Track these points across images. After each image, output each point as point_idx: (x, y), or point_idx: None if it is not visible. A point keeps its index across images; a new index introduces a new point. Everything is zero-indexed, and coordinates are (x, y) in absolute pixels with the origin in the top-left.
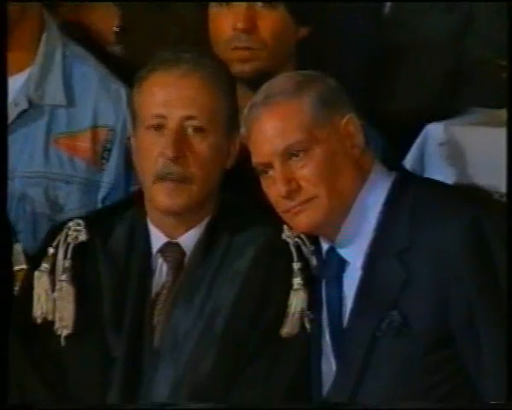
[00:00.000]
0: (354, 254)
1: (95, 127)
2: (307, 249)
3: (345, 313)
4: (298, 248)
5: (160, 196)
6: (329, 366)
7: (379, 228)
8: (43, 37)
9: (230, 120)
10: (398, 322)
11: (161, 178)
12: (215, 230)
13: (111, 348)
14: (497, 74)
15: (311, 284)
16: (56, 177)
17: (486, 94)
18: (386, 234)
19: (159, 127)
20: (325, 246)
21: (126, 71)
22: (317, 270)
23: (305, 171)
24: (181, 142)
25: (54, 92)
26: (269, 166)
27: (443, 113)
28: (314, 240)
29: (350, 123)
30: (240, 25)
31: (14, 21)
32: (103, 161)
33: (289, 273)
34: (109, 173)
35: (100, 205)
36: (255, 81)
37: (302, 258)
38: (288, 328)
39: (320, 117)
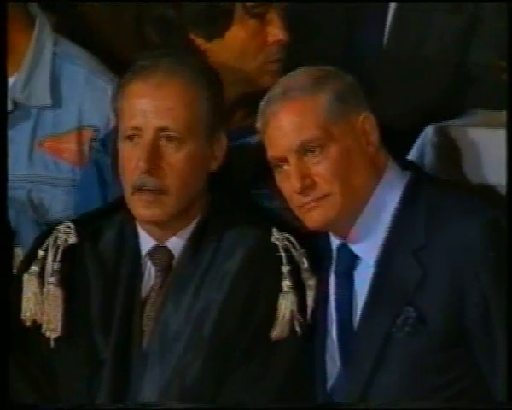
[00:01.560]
0: (367, 251)
1: (80, 128)
2: (297, 252)
3: (355, 310)
4: (287, 250)
5: (138, 207)
6: (334, 363)
7: (394, 225)
8: (33, 37)
9: (213, 123)
10: (414, 318)
11: (138, 189)
12: (204, 232)
13: (99, 351)
14: (497, 76)
15: (301, 287)
16: (41, 179)
17: (486, 95)
18: (402, 232)
19: (135, 138)
20: (335, 242)
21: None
22: (305, 271)
23: (320, 167)
24: (155, 154)
25: (40, 93)
26: (284, 161)
27: (443, 114)
28: (314, 239)
29: (366, 121)
30: (283, 37)
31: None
32: None
33: (278, 276)
34: None
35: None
36: None
37: (291, 261)
38: (278, 330)
39: (337, 114)
